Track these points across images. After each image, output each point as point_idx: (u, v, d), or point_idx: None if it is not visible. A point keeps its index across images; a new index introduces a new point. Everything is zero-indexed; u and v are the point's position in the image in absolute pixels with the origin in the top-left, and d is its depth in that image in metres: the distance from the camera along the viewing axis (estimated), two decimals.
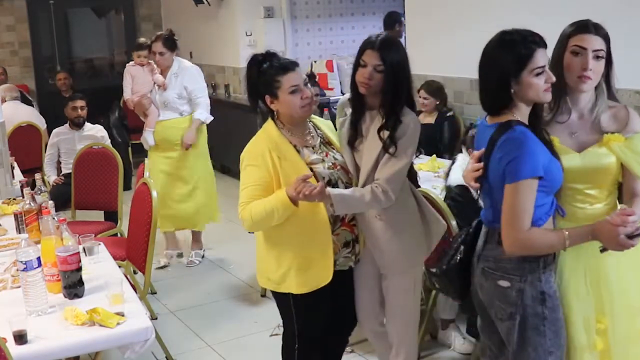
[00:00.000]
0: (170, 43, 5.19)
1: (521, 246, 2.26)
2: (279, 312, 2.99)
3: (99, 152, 5.26)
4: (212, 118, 5.39)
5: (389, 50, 2.69)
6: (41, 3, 9.14)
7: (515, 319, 2.34)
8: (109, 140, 6.11)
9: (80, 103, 6.03)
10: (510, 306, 2.34)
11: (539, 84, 2.26)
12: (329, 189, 2.63)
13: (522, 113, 2.32)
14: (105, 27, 10.03)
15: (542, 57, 2.27)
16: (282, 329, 3.07)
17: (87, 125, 6.06)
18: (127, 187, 6.23)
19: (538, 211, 2.26)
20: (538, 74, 2.25)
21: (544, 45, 2.28)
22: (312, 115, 2.96)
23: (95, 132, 6.06)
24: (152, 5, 9.77)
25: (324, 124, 2.99)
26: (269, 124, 2.82)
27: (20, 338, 2.42)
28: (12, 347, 2.35)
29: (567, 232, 2.23)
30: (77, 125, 6.00)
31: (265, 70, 2.74)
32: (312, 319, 2.88)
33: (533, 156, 2.21)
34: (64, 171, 5.99)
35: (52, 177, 5.97)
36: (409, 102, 2.78)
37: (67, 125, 6.08)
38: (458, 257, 2.50)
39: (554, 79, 2.29)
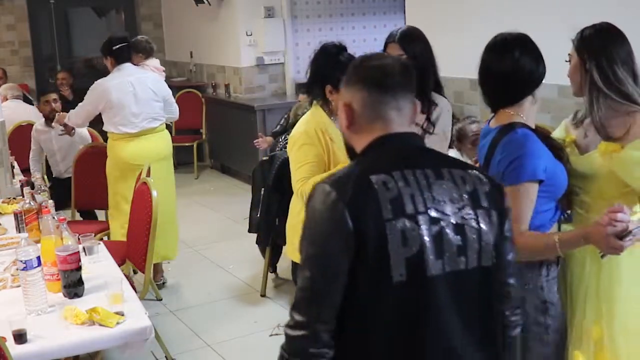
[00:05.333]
0: None
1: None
2: None
3: (99, 151, 5.23)
4: None
5: (409, 40, 2.88)
6: (41, 2, 9.13)
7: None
8: (89, 139, 5.64)
9: (53, 96, 5.73)
10: None
11: None
12: None
13: (526, 112, 2.23)
14: (105, 26, 10.01)
15: None
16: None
17: None
18: None
19: (541, 217, 2.19)
20: None
21: None
22: None
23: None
24: (153, 5, 9.77)
25: None
26: (318, 110, 2.97)
27: (20, 337, 2.42)
28: (12, 347, 2.35)
29: (557, 238, 2.11)
30: (53, 120, 5.49)
31: (342, 63, 2.77)
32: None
33: (534, 159, 2.14)
34: (54, 174, 5.74)
35: (37, 174, 5.28)
36: (437, 88, 2.94)
37: (43, 121, 5.70)
38: None
39: None
